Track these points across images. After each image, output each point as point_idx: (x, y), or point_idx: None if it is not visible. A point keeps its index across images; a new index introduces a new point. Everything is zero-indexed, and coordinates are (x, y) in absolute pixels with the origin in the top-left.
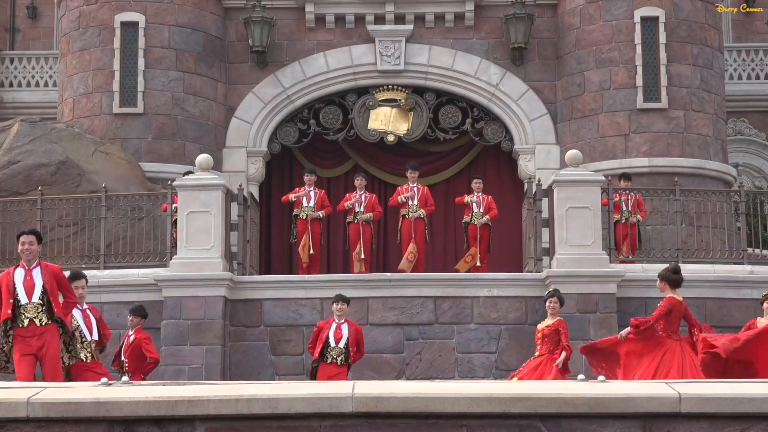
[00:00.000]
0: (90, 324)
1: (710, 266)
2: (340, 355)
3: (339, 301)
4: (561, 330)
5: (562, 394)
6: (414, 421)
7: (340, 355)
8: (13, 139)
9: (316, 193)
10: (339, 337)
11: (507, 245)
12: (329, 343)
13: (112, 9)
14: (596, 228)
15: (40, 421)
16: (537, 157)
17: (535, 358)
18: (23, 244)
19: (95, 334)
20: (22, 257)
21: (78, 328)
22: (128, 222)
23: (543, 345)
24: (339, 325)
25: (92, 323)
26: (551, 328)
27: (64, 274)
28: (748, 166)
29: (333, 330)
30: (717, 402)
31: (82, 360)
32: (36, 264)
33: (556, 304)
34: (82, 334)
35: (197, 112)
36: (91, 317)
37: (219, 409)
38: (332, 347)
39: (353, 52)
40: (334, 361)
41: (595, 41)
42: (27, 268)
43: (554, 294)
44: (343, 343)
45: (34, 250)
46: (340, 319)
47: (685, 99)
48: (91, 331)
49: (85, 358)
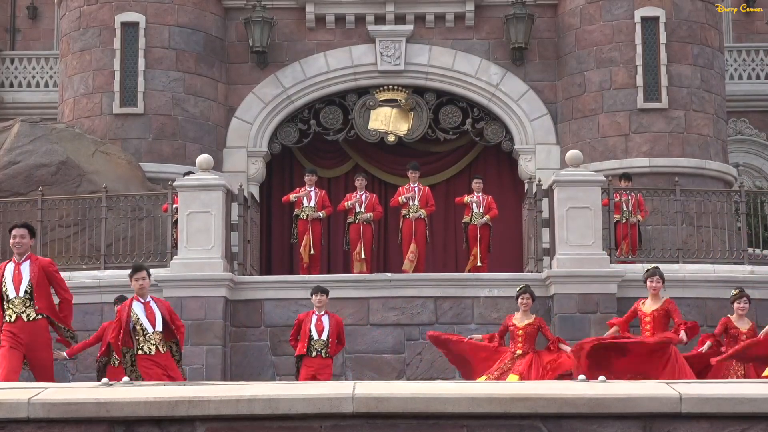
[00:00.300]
0: (153, 316)
1: (711, 266)
2: (324, 348)
3: (318, 292)
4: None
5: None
6: (414, 421)
7: (324, 347)
8: (13, 140)
9: (316, 193)
10: (321, 329)
11: (507, 245)
12: (312, 336)
13: (112, 9)
14: (597, 228)
15: (40, 421)
16: (537, 157)
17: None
18: (14, 237)
19: (159, 326)
20: (14, 251)
21: (138, 321)
22: (129, 222)
23: (525, 343)
24: (320, 317)
25: (155, 315)
26: (533, 327)
27: (56, 268)
28: (749, 166)
29: (314, 322)
30: (717, 402)
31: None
32: (26, 258)
33: (528, 300)
34: (143, 327)
35: (197, 113)
36: (154, 309)
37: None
38: (315, 340)
39: (353, 53)
40: (319, 354)
41: (595, 41)
42: (17, 262)
43: (526, 290)
44: (326, 334)
45: (26, 243)
46: (320, 311)
47: (686, 99)
48: (154, 323)
49: (149, 351)
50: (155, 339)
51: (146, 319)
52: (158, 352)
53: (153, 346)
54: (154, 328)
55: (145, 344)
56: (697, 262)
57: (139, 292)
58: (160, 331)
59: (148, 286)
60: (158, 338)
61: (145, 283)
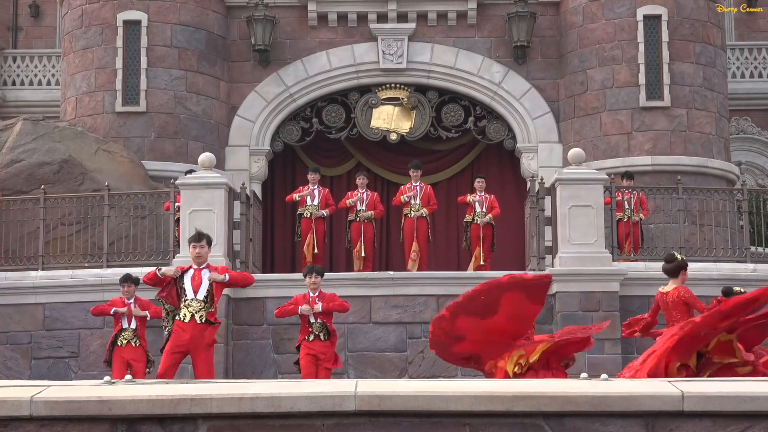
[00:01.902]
0: (198, 284)
1: (713, 265)
2: (322, 330)
3: (311, 273)
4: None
5: (565, 393)
6: (417, 419)
7: (321, 330)
8: (15, 138)
9: (320, 191)
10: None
11: (509, 244)
12: (309, 320)
13: (114, 7)
14: (599, 226)
15: (43, 419)
16: (539, 155)
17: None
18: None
19: (201, 294)
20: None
21: (182, 285)
22: (131, 220)
23: None
24: (314, 298)
25: (201, 283)
26: None
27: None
28: (751, 164)
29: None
30: (720, 400)
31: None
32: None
33: None
34: (185, 291)
35: (200, 111)
36: (203, 278)
37: (222, 407)
38: (312, 323)
39: (356, 51)
40: (317, 338)
41: (597, 39)
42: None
43: None
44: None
45: (204, 253)
46: (314, 293)
47: (688, 97)
48: (197, 290)
49: (183, 317)
50: (193, 306)
51: (190, 285)
52: (193, 320)
53: (189, 313)
54: (195, 295)
55: (184, 309)
56: (700, 260)
57: (195, 260)
58: (201, 300)
59: (206, 254)
60: (197, 306)
61: (202, 251)
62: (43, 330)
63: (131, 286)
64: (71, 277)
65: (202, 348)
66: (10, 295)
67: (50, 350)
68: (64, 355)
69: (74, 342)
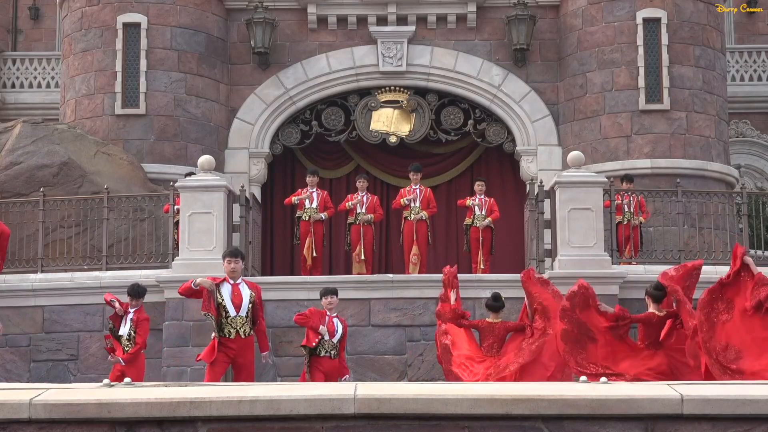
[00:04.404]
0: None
1: (712, 268)
2: (333, 349)
3: (328, 294)
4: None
5: (564, 396)
6: (416, 422)
7: (333, 349)
8: (15, 140)
9: (318, 194)
10: (333, 331)
11: (509, 247)
12: (324, 337)
13: (114, 10)
14: (598, 229)
15: (42, 422)
16: (539, 158)
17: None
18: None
19: (243, 311)
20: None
21: (222, 303)
22: (130, 223)
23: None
24: (331, 318)
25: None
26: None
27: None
28: (750, 167)
29: (326, 323)
30: (719, 404)
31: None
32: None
33: None
34: (226, 309)
35: (199, 113)
36: (242, 293)
37: (221, 410)
38: (326, 341)
39: (355, 54)
40: (328, 355)
41: (597, 42)
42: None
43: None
44: (337, 338)
45: (239, 268)
46: (332, 312)
47: (687, 100)
48: (239, 307)
49: (228, 334)
50: (237, 323)
51: (230, 302)
52: (238, 336)
53: (233, 330)
54: (237, 312)
55: (227, 327)
56: None
57: (230, 274)
58: (244, 315)
59: (240, 269)
60: (241, 322)
61: (237, 266)
62: (42, 332)
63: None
64: (70, 279)
65: (249, 361)
66: (10, 298)
67: (49, 353)
68: (63, 357)
69: (73, 344)
